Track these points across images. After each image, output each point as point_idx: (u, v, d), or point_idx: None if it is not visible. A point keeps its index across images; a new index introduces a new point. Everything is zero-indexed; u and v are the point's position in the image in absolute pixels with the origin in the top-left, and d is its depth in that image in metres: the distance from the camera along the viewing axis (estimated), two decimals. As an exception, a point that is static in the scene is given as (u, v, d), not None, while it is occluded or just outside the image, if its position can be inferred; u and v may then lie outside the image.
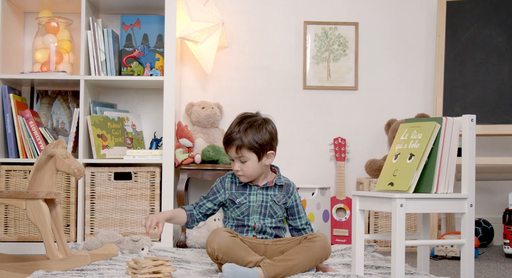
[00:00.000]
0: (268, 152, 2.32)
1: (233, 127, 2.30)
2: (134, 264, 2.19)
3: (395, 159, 2.26)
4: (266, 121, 2.34)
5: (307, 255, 2.23)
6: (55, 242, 2.45)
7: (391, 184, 2.20)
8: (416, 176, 2.14)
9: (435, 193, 2.16)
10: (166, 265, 2.22)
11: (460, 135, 2.21)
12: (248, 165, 2.30)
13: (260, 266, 2.17)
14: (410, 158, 2.18)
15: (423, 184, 2.17)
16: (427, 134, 2.17)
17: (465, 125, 2.21)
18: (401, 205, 2.10)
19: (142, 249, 2.82)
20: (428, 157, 2.15)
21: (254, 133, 2.27)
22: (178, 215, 2.35)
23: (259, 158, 2.31)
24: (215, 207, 2.41)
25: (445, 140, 2.18)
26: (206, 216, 2.43)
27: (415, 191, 2.15)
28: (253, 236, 2.38)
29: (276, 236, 2.41)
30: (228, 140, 2.30)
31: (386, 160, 2.31)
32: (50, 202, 2.47)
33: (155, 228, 2.20)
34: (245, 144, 2.26)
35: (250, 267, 2.17)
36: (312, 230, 2.50)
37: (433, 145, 2.15)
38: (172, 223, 2.35)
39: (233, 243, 2.21)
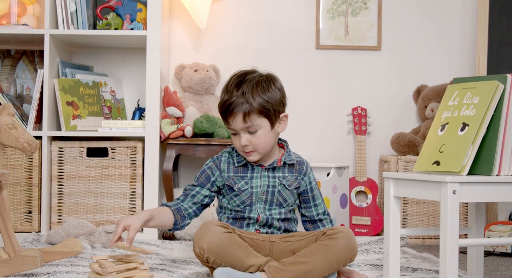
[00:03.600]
0: (281, 115, 1.91)
1: (233, 90, 1.84)
2: (99, 267, 1.78)
3: (441, 130, 1.86)
4: (271, 76, 1.92)
5: (327, 256, 1.78)
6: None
7: (437, 163, 1.79)
8: (471, 152, 1.73)
9: (496, 175, 1.73)
10: (140, 268, 1.82)
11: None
12: (259, 136, 1.85)
13: (264, 270, 1.75)
14: (462, 129, 1.78)
15: (480, 164, 1.76)
16: (486, 98, 1.76)
17: (537, 85, 1.78)
18: (454, 192, 1.67)
19: (118, 243, 2.33)
20: (488, 128, 1.75)
21: (262, 92, 1.84)
22: (159, 213, 1.87)
23: (272, 124, 1.88)
24: (212, 195, 1.96)
25: (511, 104, 1.76)
26: (203, 206, 1.96)
27: (470, 172, 1.73)
28: (256, 230, 1.92)
29: (286, 231, 1.95)
30: (230, 107, 1.83)
31: (429, 132, 1.90)
32: (-7, 185, 1.96)
33: (120, 238, 1.75)
34: (254, 107, 1.82)
35: (251, 272, 1.75)
36: (331, 221, 2.04)
37: (494, 111, 1.75)
38: (151, 226, 1.87)
39: (229, 241, 1.77)
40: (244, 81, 1.84)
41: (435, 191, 1.71)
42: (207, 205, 1.96)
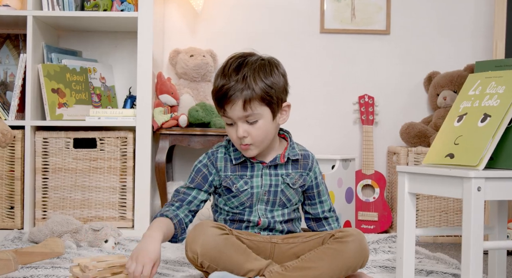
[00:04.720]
0: (284, 105, 1.75)
1: (231, 74, 1.67)
2: (80, 271, 1.64)
3: (459, 121, 1.72)
4: (274, 60, 1.76)
5: (335, 262, 1.63)
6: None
7: (451, 155, 1.66)
8: (491, 145, 1.59)
9: (521, 169, 1.60)
10: (126, 272, 1.65)
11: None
12: (259, 127, 1.69)
13: (264, 275, 1.61)
14: (483, 120, 1.65)
15: (503, 157, 1.63)
16: (513, 87, 1.63)
17: None
18: (479, 189, 1.52)
19: (106, 242, 2.25)
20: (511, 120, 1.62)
21: (265, 77, 1.68)
22: (168, 231, 1.67)
23: (274, 114, 1.71)
24: (210, 197, 1.81)
25: (540, 94, 1.63)
26: (196, 213, 1.80)
27: (490, 167, 1.61)
28: (256, 232, 1.77)
29: (289, 232, 1.79)
30: (228, 93, 1.65)
31: (444, 123, 1.78)
32: (-35, 180, 1.81)
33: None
34: (256, 93, 1.65)
35: None
36: (337, 219, 1.89)
37: (522, 102, 1.62)
38: None
39: (226, 244, 1.61)
40: (245, 64, 1.67)
41: (457, 187, 1.55)
42: (200, 209, 1.81)
